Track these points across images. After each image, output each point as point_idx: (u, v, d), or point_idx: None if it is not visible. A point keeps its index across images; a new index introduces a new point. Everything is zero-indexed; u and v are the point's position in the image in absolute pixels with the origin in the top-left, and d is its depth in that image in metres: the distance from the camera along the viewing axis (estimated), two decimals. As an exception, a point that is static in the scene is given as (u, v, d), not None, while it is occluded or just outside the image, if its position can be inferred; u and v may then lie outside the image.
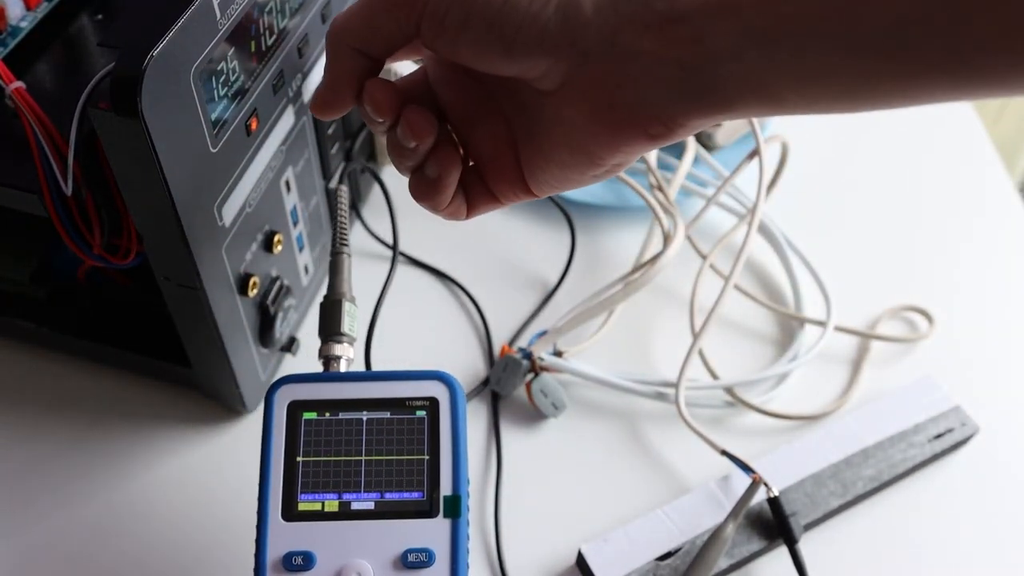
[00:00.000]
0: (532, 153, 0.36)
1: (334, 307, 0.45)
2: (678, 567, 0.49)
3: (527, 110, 0.35)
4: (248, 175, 0.46)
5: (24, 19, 0.50)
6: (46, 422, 0.55)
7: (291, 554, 0.37)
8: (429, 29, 0.32)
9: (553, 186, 0.36)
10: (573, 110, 0.33)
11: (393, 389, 0.40)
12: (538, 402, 0.56)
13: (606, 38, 0.30)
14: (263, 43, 0.45)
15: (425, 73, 0.38)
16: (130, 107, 0.36)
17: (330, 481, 0.38)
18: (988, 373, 0.59)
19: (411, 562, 0.37)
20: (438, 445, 0.39)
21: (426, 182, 0.37)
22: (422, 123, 0.35)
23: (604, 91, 0.31)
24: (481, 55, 0.32)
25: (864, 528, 0.53)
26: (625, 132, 0.32)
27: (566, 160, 0.34)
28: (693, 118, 0.31)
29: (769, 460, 0.53)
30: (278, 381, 0.41)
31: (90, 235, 0.45)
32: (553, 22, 0.30)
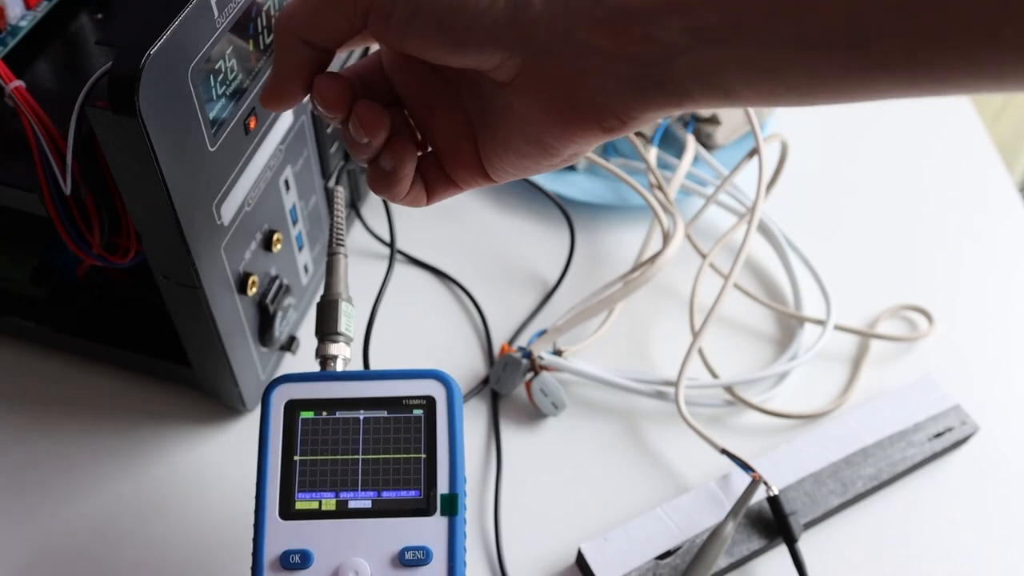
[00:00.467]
0: (489, 141, 0.36)
1: (330, 307, 0.45)
2: (678, 566, 0.49)
3: (483, 99, 0.35)
4: (247, 174, 0.46)
5: (24, 18, 0.50)
6: (46, 421, 0.56)
7: (288, 552, 0.37)
8: (376, 24, 0.32)
9: (511, 173, 0.36)
10: (528, 102, 0.32)
11: (390, 388, 0.40)
12: (538, 401, 0.56)
13: (558, 34, 0.30)
14: (261, 41, 0.45)
15: (379, 58, 0.38)
16: (128, 106, 0.36)
17: (327, 480, 0.39)
18: (988, 372, 0.59)
19: (408, 560, 0.37)
20: (435, 444, 0.39)
21: (382, 174, 0.37)
22: (373, 119, 0.35)
23: (558, 85, 0.31)
24: (431, 49, 0.32)
25: (864, 527, 0.53)
26: (579, 125, 0.32)
27: (522, 149, 0.34)
28: (647, 111, 0.31)
29: (769, 459, 0.53)
30: (275, 380, 0.41)
31: (89, 234, 0.45)
32: (503, 17, 0.30)
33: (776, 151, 0.65)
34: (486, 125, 0.36)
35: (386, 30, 0.32)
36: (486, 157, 0.36)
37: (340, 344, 0.44)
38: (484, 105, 0.35)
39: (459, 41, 0.31)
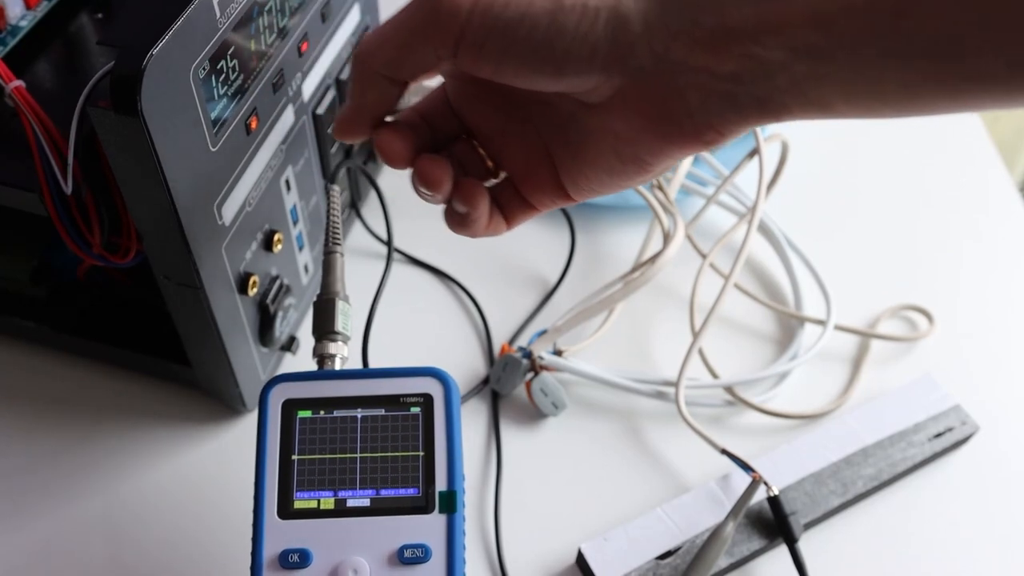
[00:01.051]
0: (572, 162, 0.35)
1: (327, 306, 0.45)
2: (678, 566, 0.49)
3: (566, 121, 0.35)
4: (248, 174, 0.46)
5: (24, 18, 0.50)
6: (46, 421, 0.55)
7: (287, 552, 0.37)
8: (467, 55, 0.31)
9: (595, 190, 0.36)
10: (624, 121, 0.32)
11: (387, 386, 0.40)
12: (538, 401, 0.56)
13: (658, 54, 0.30)
14: (263, 42, 0.45)
15: (444, 92, 0.38)
16: (130, 106, 0.36)
17: (325, 479, 0.39)
18: (988, 372, 0.59)
19: (407, 558, 0.37)
20: (433, 441, 0.39)
21: (458, 216, 0.37)
22: (436, 174, 0.35)
23: (657, 103, 0.31)
24: (526, 77, 0.31)
25: (864, 527, 0.53)
26: (679, 141, 0.32)
27: (614, 167, 0.34)
28: (746, 124, 0.31)
29: (769, 459, 0.53)
30: (272, 380, 0.41)
31: (90, 234, 0.45)
32: (602, 40, 0.30)
33: (776, 151, 0.65)
34: (568, 146, 0.35)
35: (479, 61, 0.31)
36: (568, 177, 0.36)
37: (337, 343, 0.44)
38: (565, 126, 0.35)
39: (557, 67, 0.31)
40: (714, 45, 0.29)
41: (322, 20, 0.51)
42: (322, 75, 0.53)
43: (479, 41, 0.31)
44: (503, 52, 0.31)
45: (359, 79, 0.34)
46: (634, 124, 0.32)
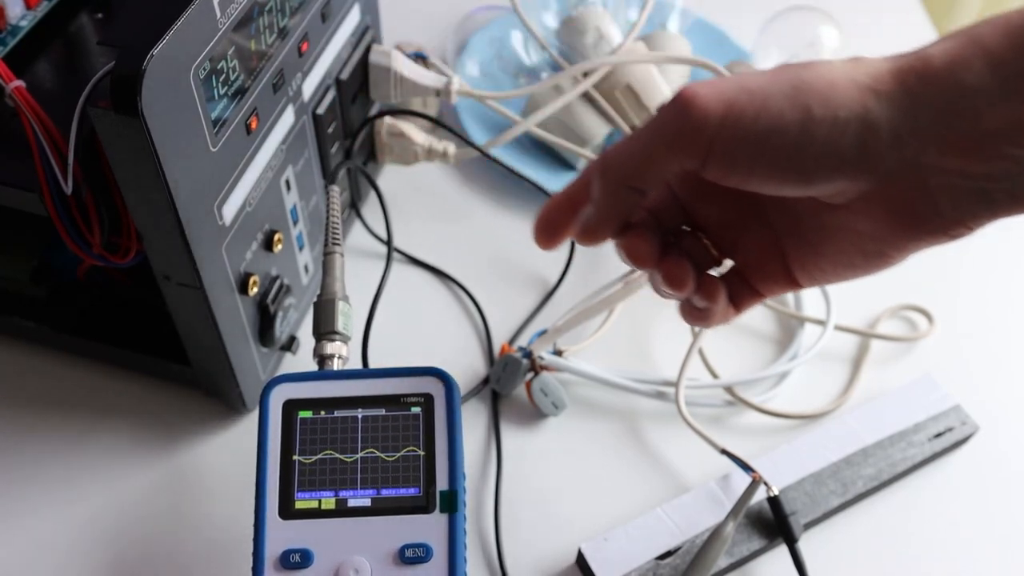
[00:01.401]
0: (808, 257, 0.36)
1: (327, 306, 0.45)
2: (678, 566, 0.49)
3: (803, 219, 0.35)
4: (248, 174, 0.46)
5: (24, 18, 0.50)
6: (45, 420, 0.55)
7: (289, 552, 0.37)
8: (717, 167, 0.32)
9: (829, 280, 0.36)
10: (868, 221, 0.33)
11: (387, 386, 0.40)
12: (538, 401, 0.56)
13: (907, 159, 0.30)
14: (263, 42, 0.45)
15: (672, 190, 0.38)
16: (130, 106, 0.36)
17: (326, 479, 0.38)
18: (988, 372, 0.59)
19: (409, 557, 0.37)
20: (433, 441, 0.39)
21: (695, 311, 0.37)
22: (680, 276, 0.35)
23: (904, 204, 0.31)
24: (773, 185, 0.32)
25: (864, 527, 0.53)
26: (926, 238, 0.32)
27: (854, 262, 0.35)
28: (996, 218, 0.31)
29: (769, 459, 0.53)
30: (272, 380, 0.41)
31: (90, 234, 0.45)
32: (851, 149, 0.30)
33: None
34: (804, 243, 0.36)
35: (727, 172, 0.32)
36: (801, 270, 0.36)
37: (337, 343, 0.44)
38: (801, 224, 0.35)
39: (805, 175, 0.31)
40: (967, 148, 0.29)
41: (322, 20, 0.51)
42: (322, 75, 0.53)
43: (729, 153, 0.31)
44: (752, 163, 0.31)
45: (606, 191, 0.34)
46: (879, 223, 0.32)
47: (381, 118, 0.62)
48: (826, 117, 0.30)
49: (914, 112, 0.30)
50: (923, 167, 0.30)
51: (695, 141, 0.31)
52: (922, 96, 0.30)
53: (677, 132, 0.31)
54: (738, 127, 0.30)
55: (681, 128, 0.31)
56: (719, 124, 0.31)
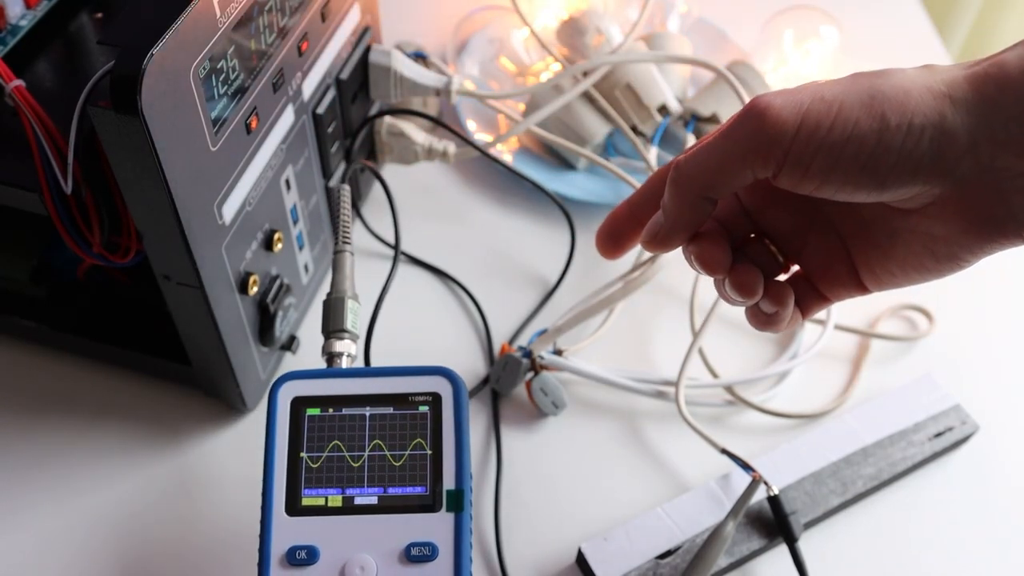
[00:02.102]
0: (877, 261, 0.36)
1: (337, 304, 0.45)
2: (678, 565, 0.49)
3: (873, 224, 0.36)
4: (248, 173, 0.46)
5: (24, 17, 0.50)
6: (45, 420, 0.55)
7: (295, 548, 0.37)
8: (791, 176, 0.32)
9: (898, 283, 0.36)
10: (941, 225, 0.33)
11: (396, 385, 0.40)
12: (538, 401, 0.56)
13: (982, 164, 0.31)
14: (263, 41, 0.45)
15: (738, 198, 0.38)
16: (130, 105, 0.36)
17: (333, 476, 0.38)
18: (988, 371, 0.59)
19: (415, 556, 0.37)
20: (441, 440, 0.39)
21: (764, 316, 0.38)
22: (750, 283, 0.36)
23: (978, 207, 0.32)
24: (848, 192, 0.32)
25: (864, 526, 0.53)
26: (1000, 240, 0.32)
27: (926, 265, 0.35)
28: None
29: (769, 459, 0.53)
30: (281, 378, 0.41)
31: (90, 233, 0.45)
32: (926, 156, 0.31)
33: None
34: (874, 247, 0.36)
35: (802, 181, 0.32)
36: (869, 274, 0.37)
37: (346, 341, 0.44)
38: (871, 229, 0.36)
39: (880, 182, 0.31)
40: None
41: (322, 19, 0.51)
42: (322, 74, 0.53)
43: (804, 163, 0.31)
44: (827, 172, 0.31)
45: (680, 201, 0.34)
46: (952, 227, 0.33)
47: (381, 118, 0.62)
48: (901, 125, 0.30)
49: (991, 118, 0.30)
50: (999, 171, 0.31)
51: (771, 151, 0.31)
52: (999, 102, 0.30)
53: (752, 142, 0.32)
54: (813, 137, 0.31)
55: (756, 138, 0.32)
56: (794, 134, 0.31)
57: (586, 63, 0.63)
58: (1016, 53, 0.31)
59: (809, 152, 0.31)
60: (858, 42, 0.76)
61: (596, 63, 0.63)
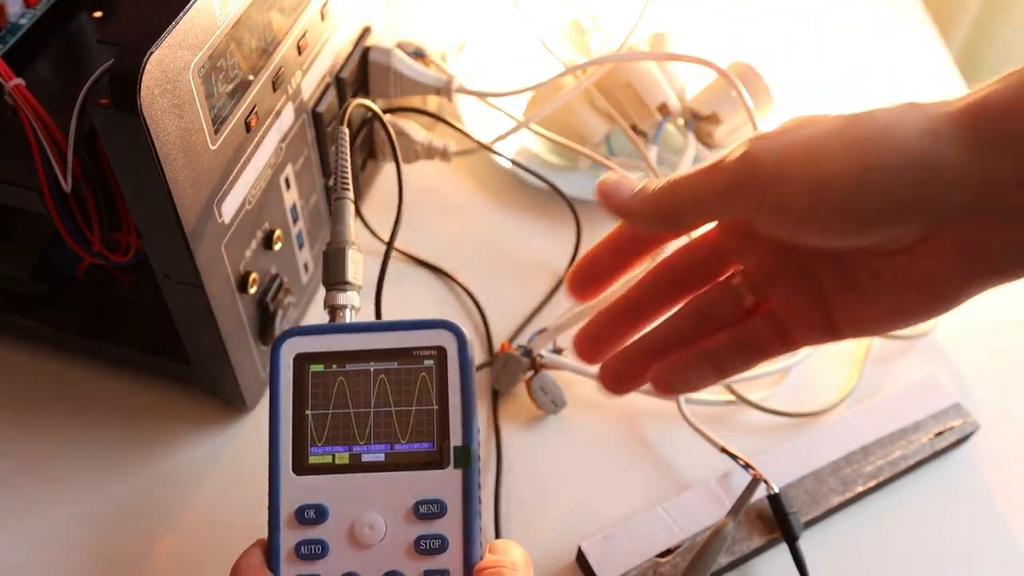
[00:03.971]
0: (858, 304, 0.35)
1: (338, 255, 0.43)
2: (678, 564, 0.49)
3: (853, 267, 0.34)
4: (247, 172, 0.46)
5: (23, 16, 0.50)
6: (45, 419, 0.55)
7: (304, 507, 0.37)
8: (769, 219, 0.32)
9: (878, 329, 0.36)
10: (935, 260, 0.32)
11: (400, 339, 0.39)
12: (538, 399, 0.56)
13: (972, 201, 0.30)
14: (263, 40, 0.45)
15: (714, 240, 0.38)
16: (129, 103, 0.36)
17: (340, 434, 0.38)
18: (989, 371, 0.59)
19: (423, 513, 0.37)
20: (447, 395, 0.38)
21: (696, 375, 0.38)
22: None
23: (976, 243, 0.31)
24: (827, 239, 0.32)
25: (864, 525, 0.53)
26: (991, 277, 0.32)
27: (912, 307, 0.34)
28: None
29: (769, 457, 0.53)
30: (284, 334, 0.40)
31: (90, 232, 0.45)
32: (909, 195, 0.30)
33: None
34: (854, 289, 0.35)
35: (778, 224, 0.32)
36: (846, 318, 0.35)
37: (348, 293, 0.43)
38: (853, 271, 0.34)
39: (862, 224, 0.31)
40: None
41: (321, 19, 0.51)
42: (322, 73, 0.53)
43: (784, 204, 0.31)
44: (807, 216, 0.31)
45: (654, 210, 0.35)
46: (944, 264, 0.32)
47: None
48: (882, 164, 0.30)
49: (982, 151, 0.29)
50: (991, 207, 0.30)
51: (748, 191, 0.31)
52: (990, 134, 0.29)
53: (733, 183, 0.32)
54: (793, 180, 0.30)
55: (736, 179, 0.32)
56: (773, 174, 0.31)
57: (586, 62, 0.63)
58: (1005, 85, 0.30)
59: (789, 195, 0.31)
60: (858, 42, 0.76)
61: (596, 62, 0.63)
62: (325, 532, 0.36)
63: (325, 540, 0.36)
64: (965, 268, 0.31)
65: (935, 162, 0.30)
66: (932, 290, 0.33)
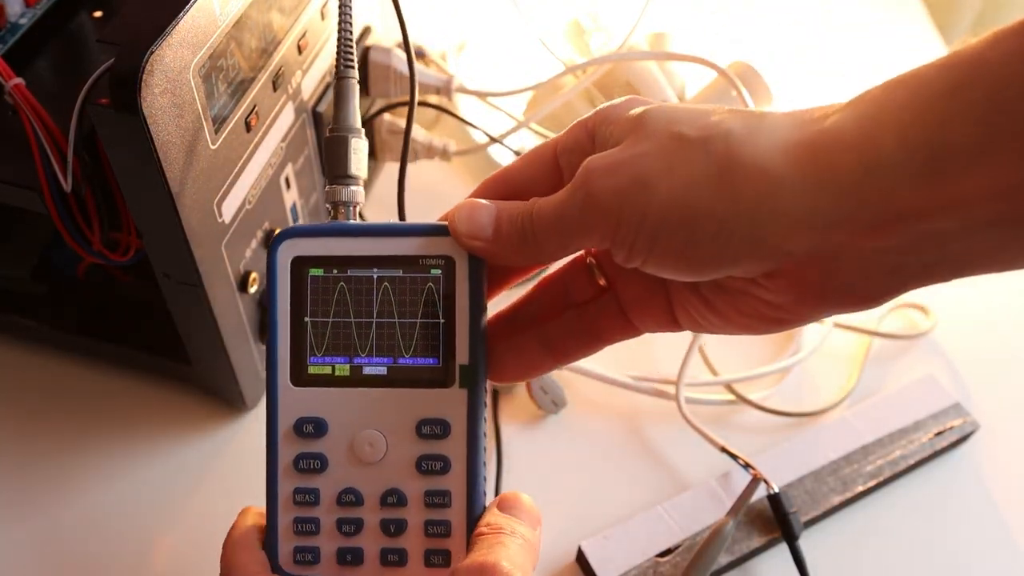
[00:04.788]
0: (696, 308, 0.34)
1: (339, 144, 0.38)
2: (678, 564, 0.49)
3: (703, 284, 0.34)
4: (248, 172, 0.46)
5: (24, 16, 0.50)
6: (45, 419, 0.55)
7: (302, 421, 0.35)
8: (619, 253, 0.32)
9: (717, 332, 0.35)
10: (771, 294, 0.31)
11: (406, 245, 0.36)
12: (538, 399, 0.56)
13: (815, 244, 0.29)
14: (263, 39, 0.45)
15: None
16: (130, 103, 0.36)
17: (340, 344, 0.36)
18: (988, 370, 0.59)
19: (426, 433, 0.35)
20: (454, 309, 0.36)
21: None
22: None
23: (812, 281, 0.30)
24: (672, 274, 0.32)
25: (864, 525, 0.53)
26: (831, 308, 0.31)
27: (749, 323, 0.33)
28: (907, 289, 0.30)
29: (769, 457, 0.53)
30: (281, 234, 0.36)
31: (90, 231, 0.45)
32: (747, 241, 0.29)
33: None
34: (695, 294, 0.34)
35: (628, 259, 0.32)
36: (687, 317, 0.35)
37: (352, 188, 0.38)
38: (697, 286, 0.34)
39: (696, 270, 0.31)
40: (879, 227, 0.28)
41: (321, 18, 0.51)
42: (322, 73, 0.53)
43: (628, 243, 0.31)
44: (646, 255, 0.31)
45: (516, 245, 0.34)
46: (783, 296, 0.31)
47: (380, 116, 0.62)
48: (714, 214, 0.29)
49: (822, 194, 0.28)
50: (834, 247, 0.29)
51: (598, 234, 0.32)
52: (829, 176, 0.28)
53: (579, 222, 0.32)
54: (632, 224, 0.30)
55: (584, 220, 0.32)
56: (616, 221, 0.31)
57: (586, 62, 0.63)
58: (853, 116, 0.28)
59: (630, 238, 0.31)
60: (858, 42, 0.76)
61: (596, 61, 0.63)
62: (324, 447, 0.35)
63: (324, 455, 0.35)
64: (809, 303, 0.31)
65: (770, 209, 0.29)
66: (772, 315, 0.32)
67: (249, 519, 0.37)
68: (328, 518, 0.36)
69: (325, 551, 0.36)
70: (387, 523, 0.35)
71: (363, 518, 0.36)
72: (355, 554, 0.36)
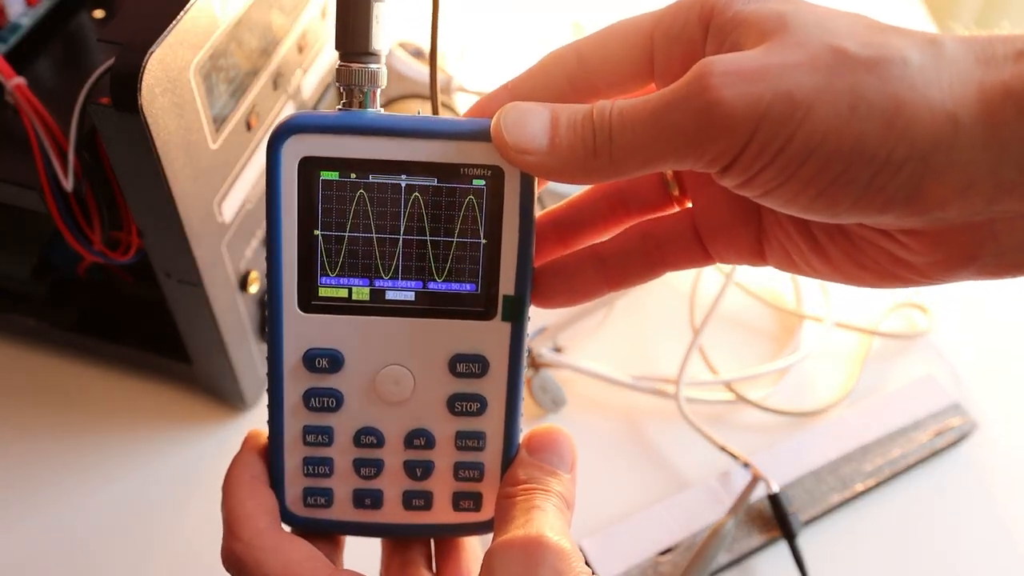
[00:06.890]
0: (796, 249, 0.30)
1: (359, 8, 0.29)
2: (678, 563, 0.49)
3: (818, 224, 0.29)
4: (248, 171, 0.46)
5: (24, 15, 0.50)
6: (45, 418, 0.55)
7: (313, 353, 0.30)
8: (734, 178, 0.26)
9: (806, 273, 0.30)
10: (907, 252, 0.27)
11: (444, 151, 0.29)
12: (538, 398, 0.56)
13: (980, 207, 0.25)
14: (263, 39, 0.45)
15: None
16: (130, 103, 0.36)
17: (358, 263, 0.30)
18: (988, 370, 0.59)
19: (460, 372, 0.31)
20: (500, 229, 0.30)
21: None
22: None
23: (960, 244, 0.26)
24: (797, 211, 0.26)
25: (863, 524, 0.53)
26: (972, 275, 0.27)
27: (860, 276, 0.29)
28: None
29: (769, 456, 0.53)
30: (285, 127, 0.29)
31: (90, 231, 0.45)
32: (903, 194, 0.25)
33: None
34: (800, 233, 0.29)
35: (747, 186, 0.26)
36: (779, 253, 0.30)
37: (372, 68, 0.30)
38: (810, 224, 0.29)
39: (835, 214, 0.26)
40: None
41: (322, 18, 0.51)
42: (322, 72, 0.53)
43: (750, 172, 0.25)
44: (775, 187, 0.26)
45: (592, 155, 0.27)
46: (920, 256, 0.27)
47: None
48: (879, 153, 0.24)
49: (999, 156, 0.24)
50: (1001, 211, 0.25)
51: (713, 153, 0.25)
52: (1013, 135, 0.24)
53: (692, 136, 0.25)
54: (768, 147, 0.25)
55: (697, 133, 0.25)
56: (746, 140, 0.25)
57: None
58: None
59: (760, 163, 0.25)
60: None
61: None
62: (339, 383, 0.31)
63: (339, 391, 0.31)
64: (945, 262, 0.27)
65: (941, 163, 0.24)
66: (896, 272, 0.28)
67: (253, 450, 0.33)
68: (343, 459, 0.32)
69: (340, 493, 0.32)
70: (412, 465, 0.32)
71: (383, 459, 0.32)
72: (374, 497, 0.32)
